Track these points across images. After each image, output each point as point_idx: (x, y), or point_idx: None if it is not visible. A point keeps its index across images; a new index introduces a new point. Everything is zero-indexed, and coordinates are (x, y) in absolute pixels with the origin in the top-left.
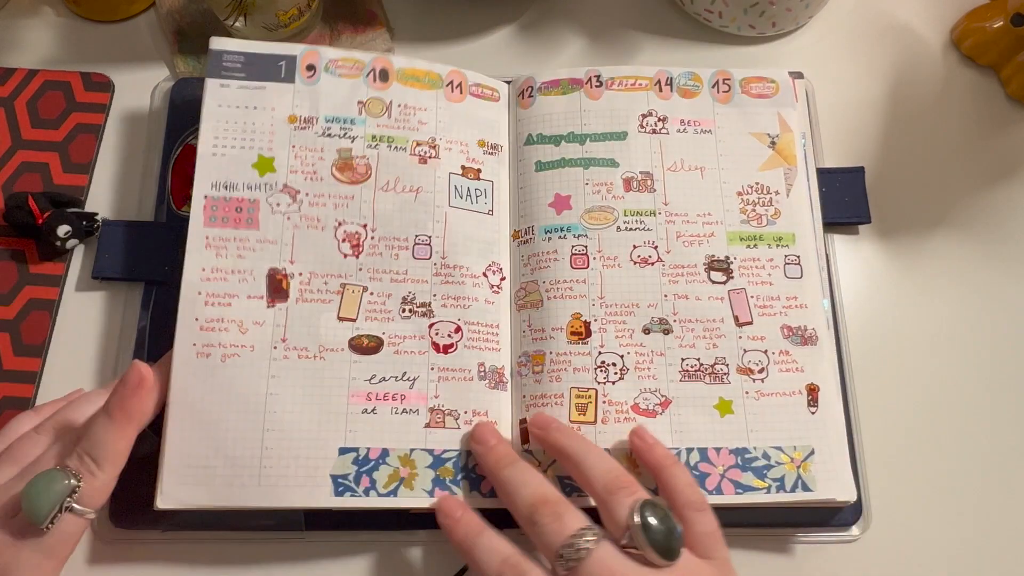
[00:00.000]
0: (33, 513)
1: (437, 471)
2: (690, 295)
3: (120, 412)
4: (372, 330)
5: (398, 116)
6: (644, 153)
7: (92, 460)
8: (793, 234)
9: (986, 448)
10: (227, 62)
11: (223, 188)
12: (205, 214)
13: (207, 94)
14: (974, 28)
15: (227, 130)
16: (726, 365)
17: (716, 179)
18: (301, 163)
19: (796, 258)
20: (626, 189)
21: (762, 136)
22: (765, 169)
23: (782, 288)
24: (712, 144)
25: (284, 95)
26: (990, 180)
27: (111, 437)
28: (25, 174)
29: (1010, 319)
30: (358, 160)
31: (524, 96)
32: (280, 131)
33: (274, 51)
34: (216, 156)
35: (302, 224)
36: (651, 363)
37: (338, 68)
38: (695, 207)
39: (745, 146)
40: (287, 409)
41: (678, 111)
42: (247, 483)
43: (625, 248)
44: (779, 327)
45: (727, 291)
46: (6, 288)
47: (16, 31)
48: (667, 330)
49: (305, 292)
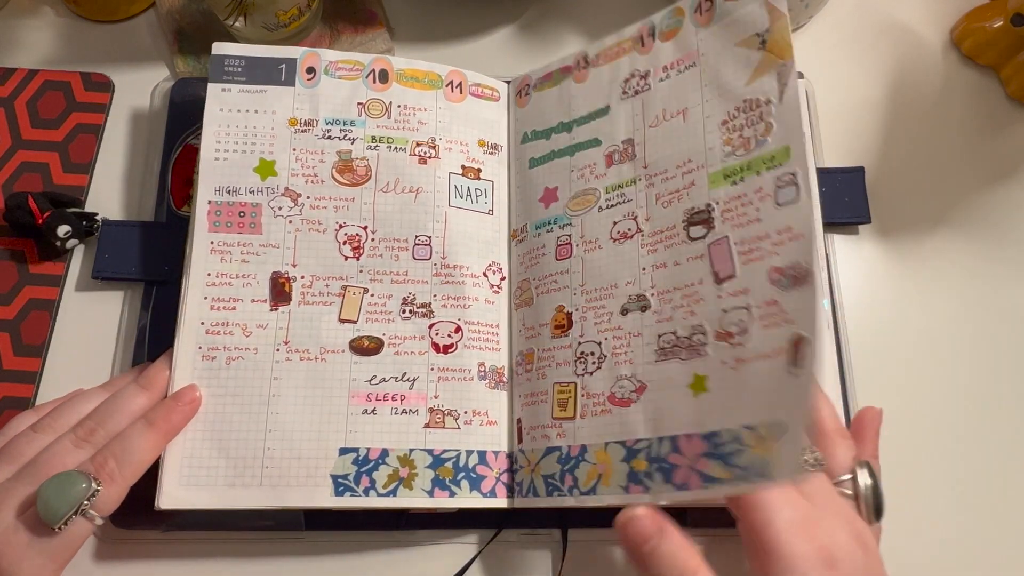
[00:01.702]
0: (49, 513)
1: (437, 471)
2: (668, 262)
3: (164, 423)
4: (372, 331)
5: (398, 117)
6: (626, 120)
7: (117, 464)
8: (787, 148)
9: (986, 448)
10: (228, 66)
11: (226, 193)
12: (209, 219)
13: (209, 99)
14: (974, 28)
15: (229, 134)
16: (703, 334)
17: (699, 116)
18: (302, 166)
19: (791, 177)
20: (608, 164)
21: (750, 40)
22: (755, 79)
23: (772, 221)
24: (696, 78)
25: (284, 98)
26: (990, 180)
27: (146, 446)
28: (25, 174)
29: (1010, 319)
30: (358, 162)
31: (521, 95)
32: (281, 134)
33: (274, 54)
34: (219, 161)
35: (304, 228)
36: (628, 346)
37: (338, 70)
38: (675, 158)
39: (732, 61)
40: (289, 410)
41: (661, 58)
42: (248, 483)
43: (606, 228)
44: (767, 271)
45: (707, 246)
46: (6, 288)
47: (16, 31)
48: (644, 307)
49: (307, 295)
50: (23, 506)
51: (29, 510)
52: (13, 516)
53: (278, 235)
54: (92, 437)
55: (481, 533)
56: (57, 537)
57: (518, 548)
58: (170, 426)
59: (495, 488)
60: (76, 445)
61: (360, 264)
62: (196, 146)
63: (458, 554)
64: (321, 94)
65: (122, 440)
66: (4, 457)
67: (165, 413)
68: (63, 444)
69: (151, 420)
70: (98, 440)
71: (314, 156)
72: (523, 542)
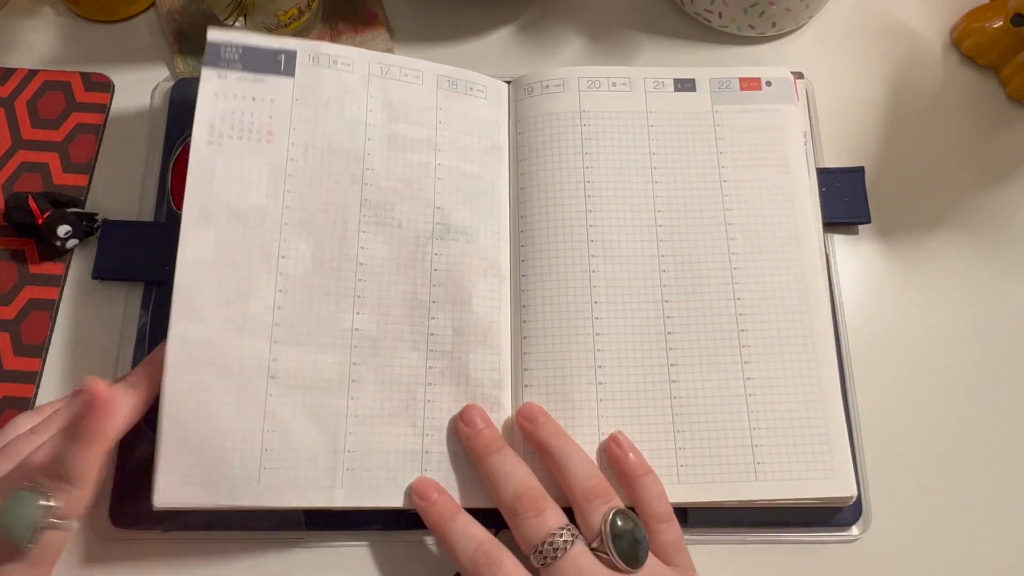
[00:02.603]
0: (13, 538)
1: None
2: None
3: (83, 434)
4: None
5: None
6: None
7: (63, 481)
8: None
9: (986, 448)
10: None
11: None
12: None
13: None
14: (974, 28)
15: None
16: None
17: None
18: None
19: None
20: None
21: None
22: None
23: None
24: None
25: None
26: (990, 180)
27: (77, 459)
28: (25, 174)
29: (1010, 319)
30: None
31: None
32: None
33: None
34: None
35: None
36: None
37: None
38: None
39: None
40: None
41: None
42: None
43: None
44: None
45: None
46: (6, 288)
47: (16, 31)
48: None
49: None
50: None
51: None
52: None
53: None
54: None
55: None
56: (32, 549)
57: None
58: (90, 434)
59: None
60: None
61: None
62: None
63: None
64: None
65: (55, 459)
66: (3, 458)
67: (77, 422)
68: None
69: (70, 433)
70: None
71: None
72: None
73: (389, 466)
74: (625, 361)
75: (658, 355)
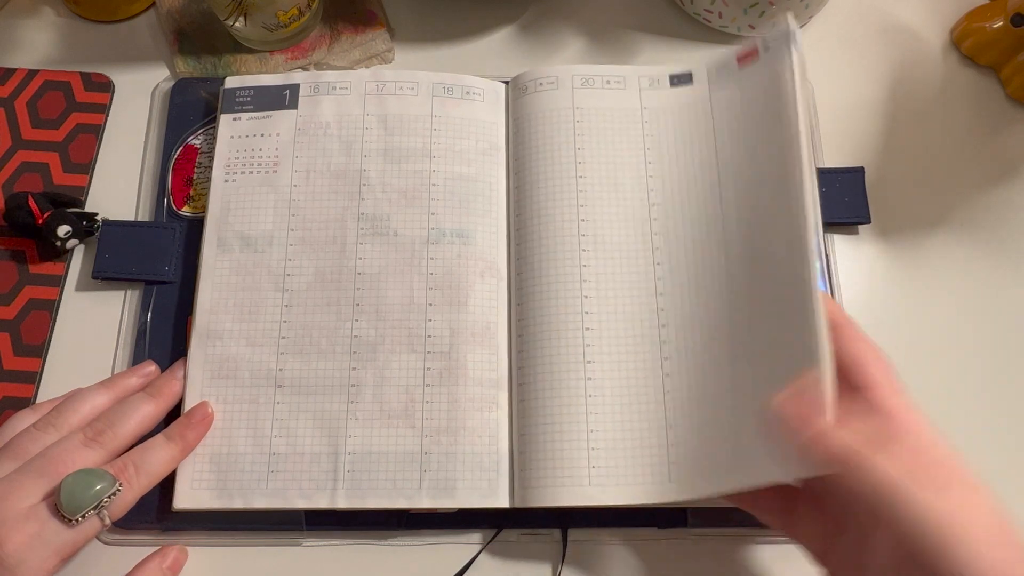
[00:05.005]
0: (73, 504)
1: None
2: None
3: (180, 439)
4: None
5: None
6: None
7: (136, 471)
8: None
9: (986, 448)
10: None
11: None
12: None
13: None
14: (974, 28)
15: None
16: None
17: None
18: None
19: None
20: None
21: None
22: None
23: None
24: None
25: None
26: (990, 180)
27: (164, 457)
28: (25, 174)
29: (1010, 319)
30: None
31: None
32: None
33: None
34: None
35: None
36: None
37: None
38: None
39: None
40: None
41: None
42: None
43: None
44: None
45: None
46: (6, 288)
47: (16, 31)
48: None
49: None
50: (32, 497)
51: (40, 502)
52: (22, 506)
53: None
54: (101, 438)
55: (481, 533)
56: (67, 531)
57: (518, 548)
58: (185, 442)
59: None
60: (85, 444)
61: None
62: (196, 146)
63: (458, 554)
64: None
65: (144, 450)
66: (8, 453)
67: (181, 430)
68: (72, 442)
69: (170, 435)
70: (106, 441)
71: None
72: (523, 542)
73: (389, 467)
74: (615, 356)
75: (651, 350)
